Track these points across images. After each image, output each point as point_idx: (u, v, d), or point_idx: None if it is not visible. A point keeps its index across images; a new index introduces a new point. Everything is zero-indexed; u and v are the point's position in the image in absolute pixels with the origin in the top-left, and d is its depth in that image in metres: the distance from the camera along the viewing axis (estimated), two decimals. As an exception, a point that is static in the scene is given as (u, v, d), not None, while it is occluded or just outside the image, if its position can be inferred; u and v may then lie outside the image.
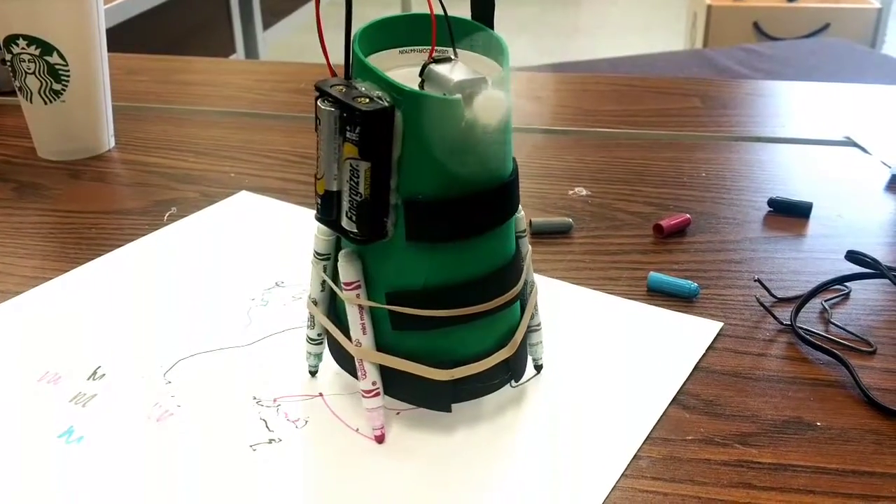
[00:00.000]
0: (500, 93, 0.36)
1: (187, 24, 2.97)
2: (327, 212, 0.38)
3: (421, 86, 0.38)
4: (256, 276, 0.57)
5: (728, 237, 0.63)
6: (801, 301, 0.53)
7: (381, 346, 0.41)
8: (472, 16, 0.40)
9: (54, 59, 0.72)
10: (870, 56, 2.10)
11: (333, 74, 0.38)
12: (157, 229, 0.64)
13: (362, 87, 0.36)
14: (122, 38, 2.42)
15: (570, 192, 0.71)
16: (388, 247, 0.39)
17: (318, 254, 0.42)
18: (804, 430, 0.43)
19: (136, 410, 0.45)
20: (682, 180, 0.73)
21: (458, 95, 0.36)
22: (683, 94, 0.94)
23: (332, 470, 0.41)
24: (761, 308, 0.53)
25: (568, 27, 3.93)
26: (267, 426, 0.43)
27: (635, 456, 0.42)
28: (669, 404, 0.45)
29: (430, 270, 0.39)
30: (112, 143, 0.80)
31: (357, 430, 0.43)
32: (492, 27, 0.40)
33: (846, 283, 0.56)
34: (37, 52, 0.71)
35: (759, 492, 0.40)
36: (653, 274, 0.56)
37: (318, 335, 0.45)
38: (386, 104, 0.35)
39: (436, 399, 0.42)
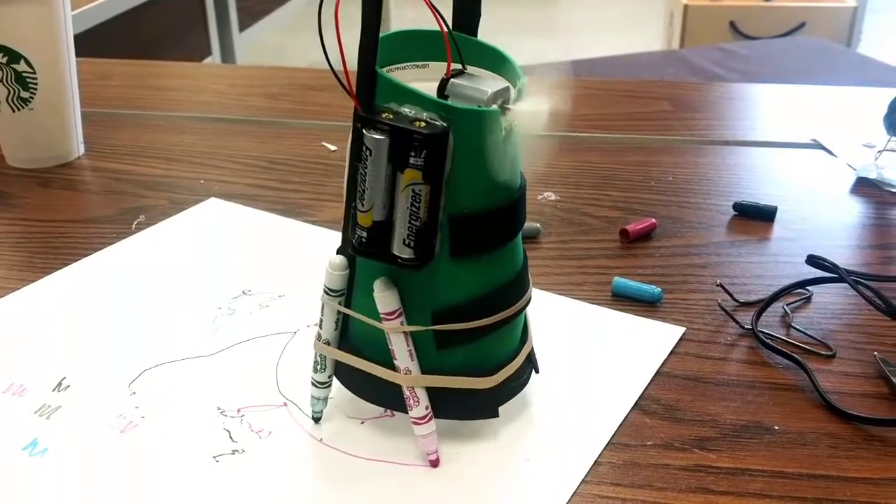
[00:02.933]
0: (541, 99, 0.37)
1: (161, 27, 2.95)
2: (376, 243, 0.37)
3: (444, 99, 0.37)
4: (223, 284, 0.57)
5: (693, 241, 0.64)
6: (763, 306, 0.54)
7: (425, 370, 0.41)
8: (454, 23, 0.41)
9: (21, 66, 0.72)
10: (845, 55, 2.12)
11: (355, 98, 0.36)
12: (125, 238, 0.64)
13: (407, 110, 0.36)
14: (95, 42, 2.40)
15: (540, 196, 0.71)
16: (430, 266, 0.38)
17: (332, 291, 0.41)
18: (762, 435, 0.44)
19: (101, 422, 0.45)
20: (649, 184, 0.73)
21: (496, 106, 0.36)
22: (653, 98, 0.94)
23: (295, 482, 0.41)
24: (723, 313, 0.54)
25: (546, 28, 3.94)
26: (231, 437, 0.43)
27: (596, 462, 0.42)
28: (631, 409, 0.46)
29: (472, 283, 0.40)
30: (82, 151, 0.80)
31: (321, 440, 0.43)
32: (475, 35, 0.41)
33: (808, 287, 0.56)
34: (4, 60, 0.71)
35: (716, 496, 0.40)
36: (617, 279, 0.57)
37: (329, 377, 0.43)
38: (444, 124, 0.35)
39: (483, 408, 0.42)
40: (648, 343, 0.51)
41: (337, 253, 0.41)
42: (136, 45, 2.76)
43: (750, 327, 0.52)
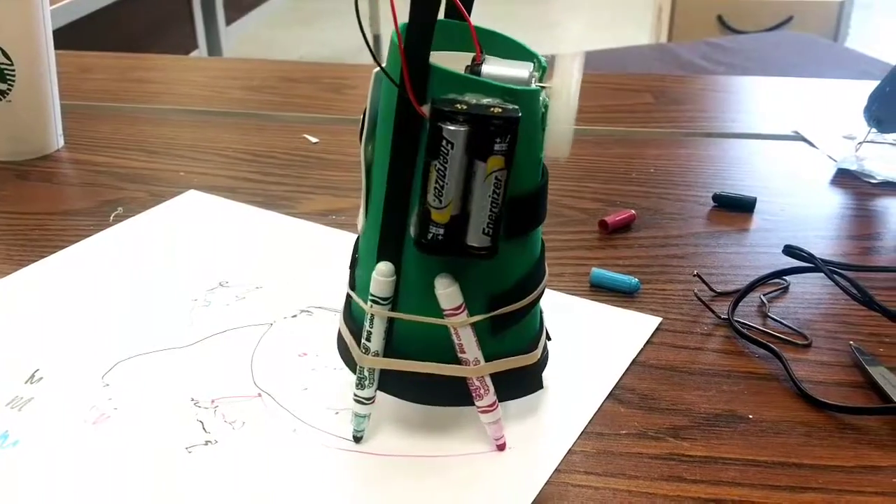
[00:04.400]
0: (567, 75, 0.37)
1: (147, 21, 2.94)
2: (452, 238, 0.36)
3: None
4: (200, 276, 0.56)
5: (672, 233, 0.64)
6: (739, 295, 0.54)
7: (484, 357, 0.41)
8: (446, 12, 0.40)
9: (-1, 58, 0.71)
10: (831, 49, 2.13)
11: (412, 93, 0.35)
12: (102, 230, 0.63)
13: (469, 98, 0.35)
14: (80, 35, 2.39)
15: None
16: None
17: (383, 300, 0.39)
18: (736, 423, 0.44)
19: (73, 414, 0.44)
20: (630, 176, 0.73)
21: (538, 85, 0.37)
22: (636, 90, 0.94)
23: (268, 472, 0.41)
24: (700, 303, 0.54)
25: (538, 22, 3.93)
26: (204, 428, 0.43)
27: (569, 451, 0.42)
28: (605, 399, 0.46)
29: (521, 263, 0.40)
30: (61, 143, 0.79)
31: (295, 430, 0.43)
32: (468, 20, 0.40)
33: (785, 277, 0.56)
34: (-20, 52, 0.70)
35: (688, 485, 0.40)
36: (595, 269, 0.57)
37: (375, 391, 0.42)
38: (517, 107, 0.35)
39: (531, 383, 0.43)
40: (625, 333, 0.51)
41: (379, 259, 0.39)
42: (122, 38, 2.74)
43: (726, 317, 0.52)
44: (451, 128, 0.34)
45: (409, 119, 0.36)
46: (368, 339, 0.40)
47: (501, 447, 0.42)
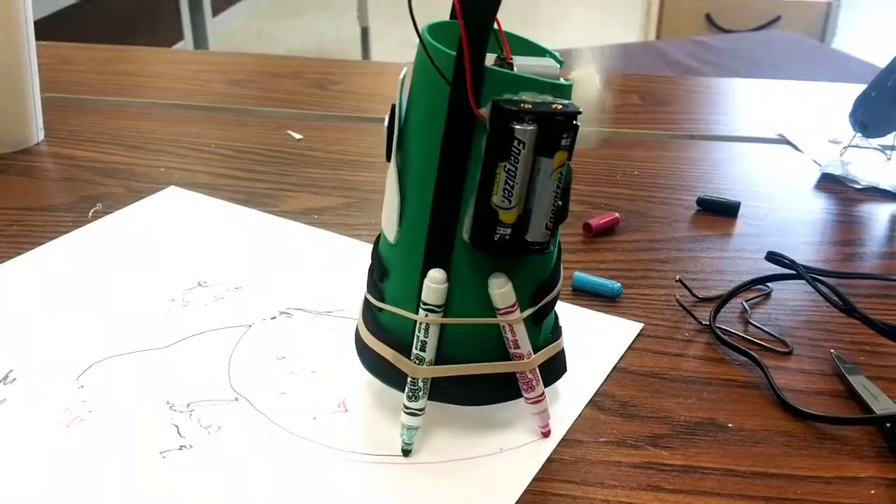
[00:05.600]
0: (589, 68, 0.39)
1: (131, 12, 2.91)
2: (516, 237, 0.37)
3: None
4: (178, 275, 0.56)
5: (656, 236, 0.64)
6: (721, 302, 0.54)
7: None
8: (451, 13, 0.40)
9: (-24, 49, 0.70)
10: (818, 50, 2.14)
11: (472, 97, 0.35)
12: (80, 226, 0.62)
13: (526, 97, 0.35)
14: (63, 26, 2.37)
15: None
16: None
17: (437, 307, 0.39)
18: (715, 432, 0.44)
19: (47, 416, 0.44)
20: (615, 178, 0.73)
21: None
22: (623, 91, 0.94)
23: (243, 478, 0.40)
24: (682, 308, 0.54)
25: (529, 19, 3.93)
26: (179, 432, 0.43)
27: (549, 459, 0.42)
28: (585, 406, 0.46)
29: (554, 254, 0.41)
30: (41, 136, 0.78)
31: (272, 435, 0.43)
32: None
33: (767, 283, 0.56)
34: (-42, 43, 0.69)
35: (666, 494, 0.40)
36: (578, 273, 0.56)
37: (426, 401, 0.41)
38: (570, 101, 0.36)
39: (560, 367, 0.44)
40: (606, 338, 0.51)
41: (428, 266, 0.39)
42: (105, 29, 2.72)
43: (708, 323, 0.52)
44: (523, 127, 0.35)
45: (464, 122, 0.36)
46: (423, 349, 0.40)
47: (547, 434, 0.43)
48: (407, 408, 0.41)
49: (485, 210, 0.36)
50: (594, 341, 0.50)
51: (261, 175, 0.71)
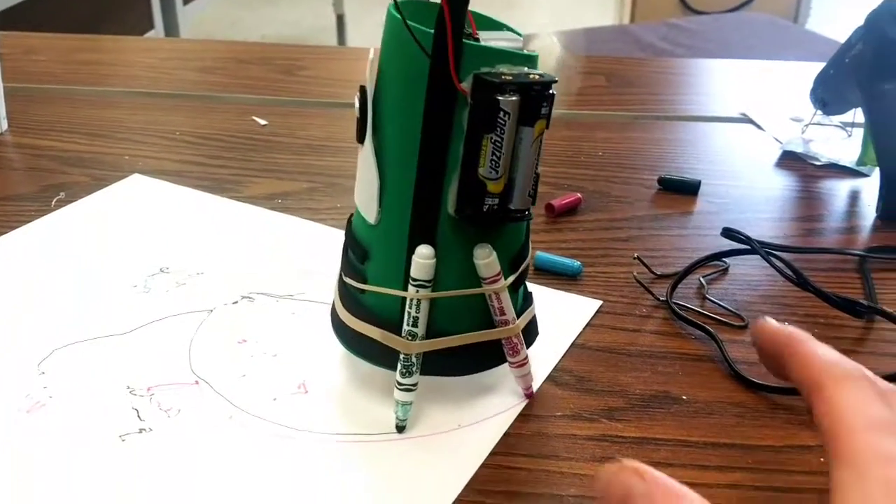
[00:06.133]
0: (550, 41, 0.39)
1: (101, 1, 2.87)
2: (503, 206, 0.38)
3: None
4: (140, 261, 0.56)
5: (616, 216, 0.64)
6: (678, 278, 0.54)
7: None
8: None
9: (-65, 39, 0.69)
10: (791, 31, 2.15)
11: (454, 72, 0.36)
12: (43, 215, 0.62)
13: (504, 69, 0.36)
14: (28, 16, 2.34)
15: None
16: None
17: (426, 282, 0.40)
18: (670, 404, 0.45)
19: (8, 402, 0.44)
20: (578, 159, 0.74)
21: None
22: (589, 73, 0.95)
23: (203, 459, 0.40)
24: (640, 285, 0.55)
25: (503, 3, 3.92)
26: (139, 416, 0.43)
27: (506, 433, 0.43)
28: (543, 381, 0.46)
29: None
30: (4, 127, 0.78)
31: (231, 417, 0.43)
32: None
33: (724, 259, 0.57)
34: (-85, 33, 0.69)
35: (620, 465, 0.41)
36: (539, 253, 0.57)
37: (418, 379, 0.42)
38: (543, 72, 0.37)
39: (535, 330, 0.45)
40: (565, 316, 0.51)
41: (414, 243, 0.39)
42: (72, 19, 2.68)
43: (665, 299, 0.53)
44: (506, 99, 0.35)
45: (446, 97, 0.37)
46: (415, 325, 0.40)
47: (530, 395, 0.45)
48: (401, 384, 0.41)
49: (472, 182, 0.37)
50: (554, 319, 0.51)
51: (225, 161, 0.71)
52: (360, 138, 0.40)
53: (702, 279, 0.56)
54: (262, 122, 0.79)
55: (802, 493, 0.39)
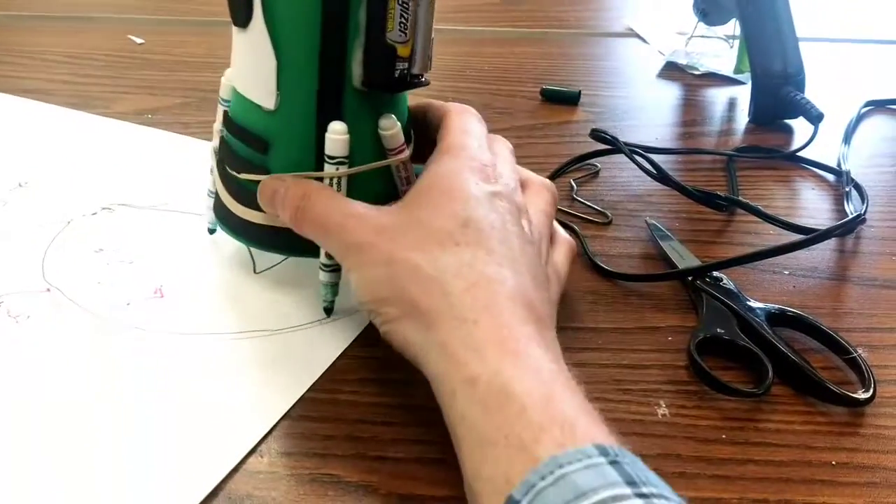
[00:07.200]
0: None
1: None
2: (411, 71, 0.38)
3: None
4: (-2, 177, 0.54)
5: (497, 126, 0.64)
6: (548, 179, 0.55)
7: None
8: None
9: None
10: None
11: None
12: None
13: None
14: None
15: (356, 87, 0.70)
16: None
17: (343, 158, 0.38)
18: (528, 296, 0.45)
19: None
20: (464, 74, 0.73)
21: None
22: (483, -9, 0.94)
23: (51, 362, 0.39)
24: (511, 187, 0.55)
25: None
26: (-15, 323, 0.42)
27: (368, 326, 0.42)
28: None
29: None
30: None
31: (83, 321, 0.42)
32: None
33: (596, 163, 0.58)
34: None
35: (474, 353, 0.41)
36: (416, 165, 0.56)
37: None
38: None
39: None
40: (434, 218, 0.51)
41: (324, 121, 0.38)
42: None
43: (534, 200, 0.53)
44: None
45: None
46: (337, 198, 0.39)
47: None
48: (326, 265, 0.41)
49: (381, 48, 0.37)
50: (421, 221, 0.51)
51: (96, 79, 0.69)
52: (242, 20, 0.37)
53: (572, 182, 0.56)
54: (139, 40, 0.76)
55: (648, 368, 0.40)
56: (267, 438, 0.35)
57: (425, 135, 0.42)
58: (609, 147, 0.55)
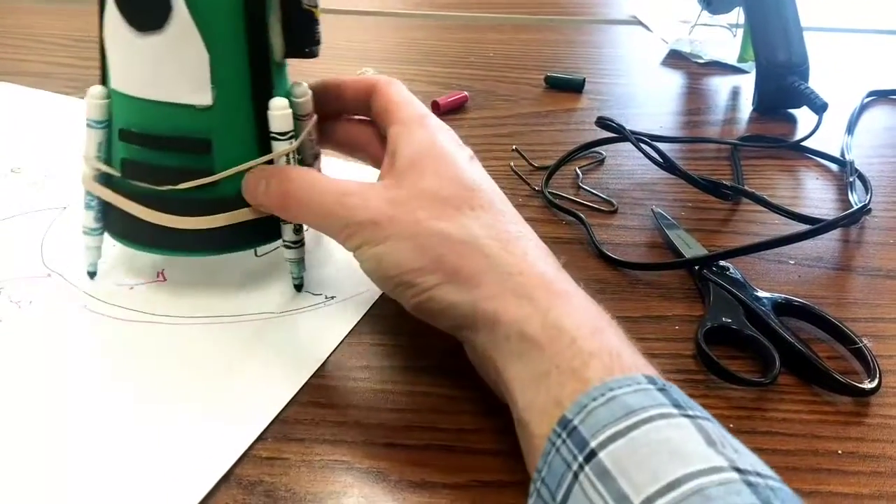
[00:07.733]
0: None
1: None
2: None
3: None
4: (-4, 161, 0.53)
5: (501, 113, 0.64)
6: (553, 168, 0.55)
7: None
8: None
9: None
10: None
11: None
12: None
13: None
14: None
15: (359, 72, 0.70)
16: None
17: (292, 132, 0.39)
18: (534, 283, 0.45)
19: None
20: (468, 60, 0.73)
21: None
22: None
23: (57, 347, 0.39)
24: (517, 176, 0.55)
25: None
26: (-13, 308, 0.41)
27: (367, 312, 0.42)
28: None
29: None
30: None
31: (85, 305, 0.42)
32: None
33: (601, 151, 0.58)
34: None
35: (480, 340, 0.41)
36: (416, 146, 0.56)
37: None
38: None
39: None
40: (439, 205, 0.51)
41: (261, 102, 0.38)
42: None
43: (540, 189, 0.53)
44: None
45: None
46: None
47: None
48: (294, 242, 0.41)
49: (302, 14, 0.37)
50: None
51: (96, 63, 0.68)
52: (156, 22, 0.35)
53: (577, 170, 0.56)
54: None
55: (656, 357, 0.40)
56: (277, 424, 0.35)
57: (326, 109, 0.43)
58: (615, 135, 0.55)
